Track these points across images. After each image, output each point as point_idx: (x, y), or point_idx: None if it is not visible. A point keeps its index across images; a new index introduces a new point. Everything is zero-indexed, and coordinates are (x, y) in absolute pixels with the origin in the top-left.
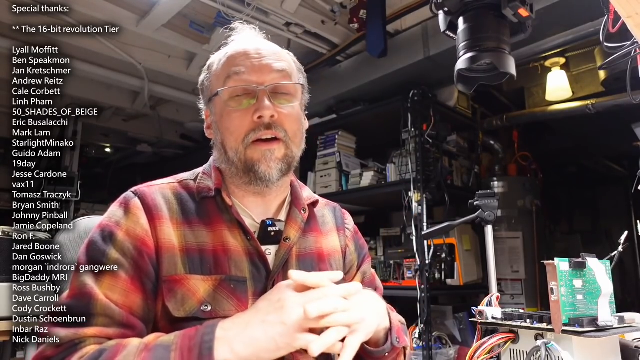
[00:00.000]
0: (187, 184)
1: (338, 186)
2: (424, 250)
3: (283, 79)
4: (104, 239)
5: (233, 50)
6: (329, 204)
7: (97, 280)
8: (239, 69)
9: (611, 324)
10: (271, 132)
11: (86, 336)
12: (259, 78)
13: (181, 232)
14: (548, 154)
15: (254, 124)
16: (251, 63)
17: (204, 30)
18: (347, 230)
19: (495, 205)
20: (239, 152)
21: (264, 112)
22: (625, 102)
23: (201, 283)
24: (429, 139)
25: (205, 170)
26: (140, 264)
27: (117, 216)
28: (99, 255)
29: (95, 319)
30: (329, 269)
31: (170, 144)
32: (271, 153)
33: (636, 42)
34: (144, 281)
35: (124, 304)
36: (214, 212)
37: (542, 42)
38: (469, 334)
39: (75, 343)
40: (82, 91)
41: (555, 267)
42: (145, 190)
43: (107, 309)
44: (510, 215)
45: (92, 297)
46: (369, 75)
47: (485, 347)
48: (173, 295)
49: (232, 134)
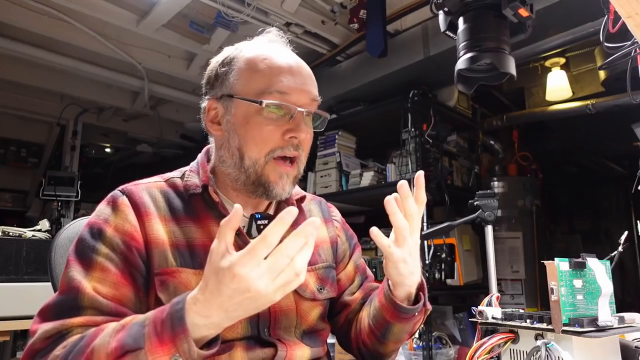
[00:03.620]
0: (173, 182)
1: (338, 186)
2: (424, 250)
3: (316, 106)
4: (93, 236)
5: (272, 58)
6: (315, 199)
7: (86, 274)
8: (282, 85)
9: (611, 324)
10: (297, 152)
11: (73, 326)
12: (299, 100)
13: (169, 228)
14: (548, 154)
15: (284, 142)
16: (294, 82)
17: (204, 30)
18: (335, 221)
19: (495, 205)
20: (258, 164)
21: (299, 134)
22: (625, 102)
23: (193, 277)
24: (429, 139)
25: (193, 167)
26: (130, 258)
27: (105, 214)
28: (89, 251)
29: (83, 311)
30: (318, 259)
31: (170, 144)
32: (288, 177)
33: (636, 42)
34: (134, 275)
35: (114, 296)
36: (202, 209)
37: (542, 42)
38: (469, 334)
39: (63, 334)
40: (82, 91)
41: (555, 267)
42: (132, 189)
43: (95, 301)
44: (510, 215)
45: (79, 290)
46: (369, 75)
47: (485, 347)
48: (165, 287)
49: (257, 144)
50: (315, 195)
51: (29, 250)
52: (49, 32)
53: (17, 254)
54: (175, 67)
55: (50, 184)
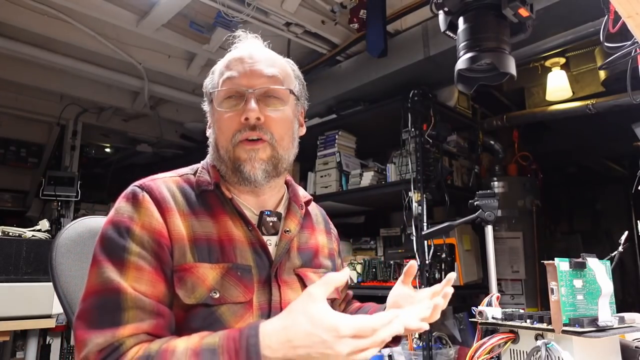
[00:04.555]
0: (187, 177)
1: (338, 186)
2: (424, 250)
3: (272, 84)
4: (121, 234)
5: (230, 56)
6: (317, 207)
7: (121, 274)
8: (231, 73)
9: (611, 324)
10: (256, 133)
11: (124, 337)
12: (248, 82)
13: (188, 222)
14: (548, 154)
15: (241, 125)
16: (243, 67)
17: (204, 30)
18: (333, 235)
19: (495, 205)
20: (228, 150)
21: (249, 114)
22: (625, 102)
23: (209, 271)
24: (429, 139)
25: (204, 165)
26: (161, 255)
27: (129, 211)
28: (119, 250)
29: (127, 312)
30: (323, 262)
31: (170, 144)
32: (255, 153)
33: (636, 42)
34: (165, 271)
35: (152, 294)
36: (216, 204)
37: (542, 42)
38: (469, 334)
39: (116, 347)
40: (82, 91)
41: (556, 267)
42: (151, 184)
43: (138, 300)
44: (510, 215)
45: (120, 291)
46: (369, 75)
47: (486, 347)
48: (183, 283)
49: (223, 133)
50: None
51: (29, 250)
52: (49, 32)
53: (17, 254)
54: (175, 67)
55: (50, 184)
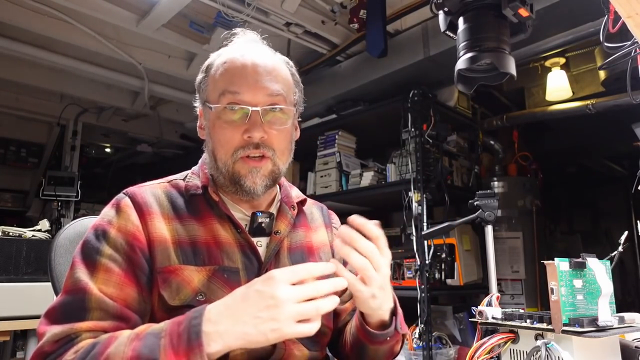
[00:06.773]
0: (176, 183)
1: (338, 186)
2: (424, 250)
3: (277, 103)
4: (97, 237)
5: (231, 61)
6: (316, 204)
7: (91, 276)
8: (234, 88)
9: (611, 324)
10: (259, 151)
11: (81, 330)
12: (253, 99)
13: (172, 226)
14: (548, 154)
15: (244, 142)
16: (247, 82)
17: (204, 30)
18: (335, 228)
19: (495, 205)
20: (227, 165)
21: (253, 134)
22: (625, 102)
23: (195, 273)
24: (429, 139)
25: (194, 170)
26: (133, 258)
27: (109, 216)
28: (93, 253)
29: (90, 312)
30: (318, 261)
31: (170, 144)
32: (257, 171)
33: (636, 42)
34: (137, 274)
35: (119, 296)
36: (204, 208)
37: (542, 42)
38: (469, 334)
39: (72, 338)
40: (82, 91)
41: (555, 267)
42: (135, 190)
43: (102, 302)
44: (510, 215)
45: (86, 291)
46: (369, 75)
47: (485, 347)
48: (168, 285)
49: (222, 146)
50: (316, 201)
51: (28, 250)
52: (49, 32)
53: (17, 254)
54: (175, 67)
55: (50, 184)
